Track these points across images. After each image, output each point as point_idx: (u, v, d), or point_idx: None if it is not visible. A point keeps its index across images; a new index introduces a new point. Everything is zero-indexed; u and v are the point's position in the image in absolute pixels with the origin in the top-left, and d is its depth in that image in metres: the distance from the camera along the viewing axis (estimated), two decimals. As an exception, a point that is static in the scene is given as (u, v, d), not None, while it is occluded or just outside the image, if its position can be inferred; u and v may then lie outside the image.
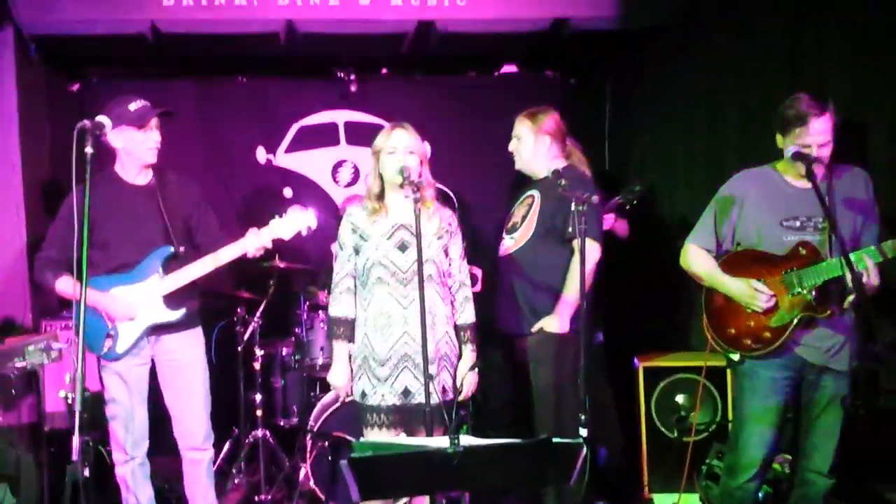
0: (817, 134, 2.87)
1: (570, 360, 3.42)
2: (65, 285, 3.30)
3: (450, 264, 3.21)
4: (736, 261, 3.09)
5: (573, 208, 2.97)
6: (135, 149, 3.34)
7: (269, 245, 3.41)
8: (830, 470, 3.00)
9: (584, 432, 2.74)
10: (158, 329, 3.37)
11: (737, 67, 4.07)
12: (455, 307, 3.22)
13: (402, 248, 3.08)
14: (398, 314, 3.06)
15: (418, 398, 3.04)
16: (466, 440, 2.30)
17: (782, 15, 3.76)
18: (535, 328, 3.51)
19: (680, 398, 3.96)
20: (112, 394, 3.37)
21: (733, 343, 3.07)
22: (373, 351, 3.08)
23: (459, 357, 3.21)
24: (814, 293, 2.91)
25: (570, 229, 3.38)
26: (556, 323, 3.45)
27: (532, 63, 5.49)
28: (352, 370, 3.18)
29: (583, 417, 2.78)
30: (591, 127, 5.43)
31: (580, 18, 4.47)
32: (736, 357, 3.07)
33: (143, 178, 3.43)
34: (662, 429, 3.97)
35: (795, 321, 2.93)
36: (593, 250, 3.40)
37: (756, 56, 3.93)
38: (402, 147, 3.07)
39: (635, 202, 4.15)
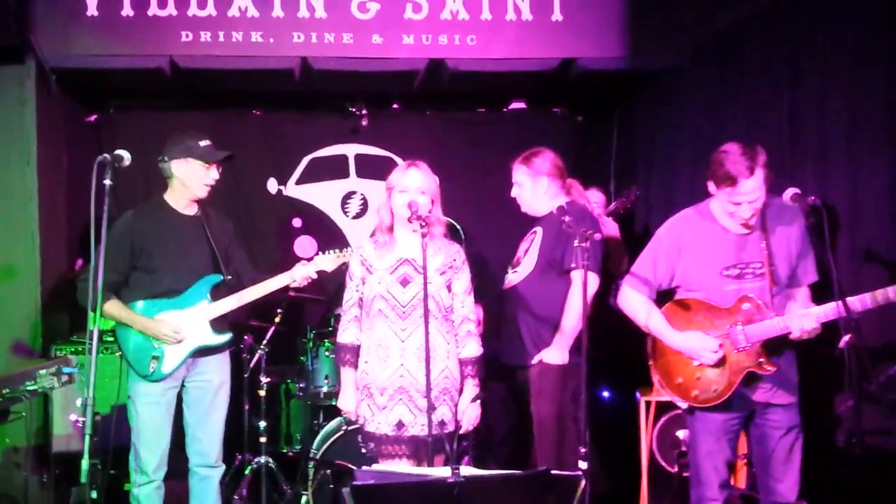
0: (748, 193, 2.90)
1: (570, 392, 3.46)
2: (112, 309, 3.45)
3: (452, 299, 3.27)
4: (678, 309, 3.11)
5: (576, 244, 3.04)
6: (193, 182, 3.53)
7: (315, 276, 3.63)
8: (799, 497, 3.02)
9: (583, 465, 2.78)
10: (202, 352, 3.54)
11: (741, 110, 4.13)
12: (458, 341, 3.27)
13: (405, 282, 3.18)
14: (396, 347, 3.15)
15: (411, 431, 3.12)
16: (467, 470, 2.34)
17: (784, 62, 3.83)
18: (534, 360, 3.56)
19: (681, 433, 3.98)
20: (143, 415, 3.48)
21: (681, 392, 3.09)
22: (375, 379, 3.17)
23: (461, 391, 3.25)
24: (759, 350, 2.95)
25: (572, 263, 3.45)
26: (555, 354, 3.50)
27: (540, 100, 5.59)
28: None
29: (582, 450, 2.82)
30: (598, 164, 5.51)
31: (587, 59, 4.56)
32: (684, 406, 3.10)
33: (191, 209, 3.62)
34: (663, 463, 3.98)
35: (741, 377, 2.97)
36: (592, 282, 3.46)
37: (760, 99, 4.00)
38: (415, 187, 3.18)
39: (629, 206, 4.34)
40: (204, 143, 3.54)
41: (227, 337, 3.62)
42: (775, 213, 3.02)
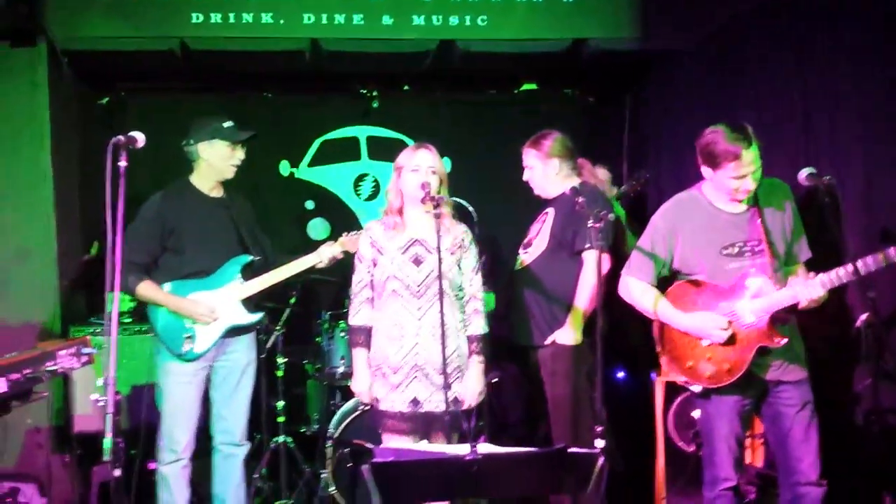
0: (749, 164, 2.90)
1: (584, 371, 3.48)
2: (146, 290, 3.50)
3: (461, 277, 3.30)
4: (682, 293, 3.11)
5: (589, 224, 3.04)
6: (221, 163, 3.59)
7: (341, 256, 3.67)
8: (821, 476, 3.00)
9: (600, 443, 2.80)
10: (232, 332, 3.59)
11: (755, 93, 4.11)
12: (465, 319, 3.30)
13: (417, 262, 3.21)
14: (411, 325, 3.18)
15: (426, 407, 3.16)
16: (485, 448, 2.37)
17: (796, 43, 3.81)
18: (548, 340, 3.57)
19: (696, 413, 3.98)
20: (175, 395, 3.53)
21: (693, 375, 3.08)
22: (386, 359, 3.20)
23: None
24: (767, 324, 2.94)
25: (585, 244, 3.46)
26: (569, 334, 3.52)
27: (551, 81, 5.56)
28: None
29: (599, 429, 2.83)
30: (609, 145, 5.49)
31: (599, 40, 4.54)
32: (697, 389, 3.10)
33: (217, 191, 3.67)
34: (679, 443, 3.99)
35: (753, 352, 2.97)
36: (605, 263, 3.47)
37: (774, 82, 3.97)
38: (426, 166, 3.20)
39: (640, 189, 4.32)
40: (228, 124, 3.59)
41: (259, 315, 3.68)
42: (765, 192, 3.04)
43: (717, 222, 3.05)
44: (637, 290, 3.18)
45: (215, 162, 3.59)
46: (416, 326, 3.18)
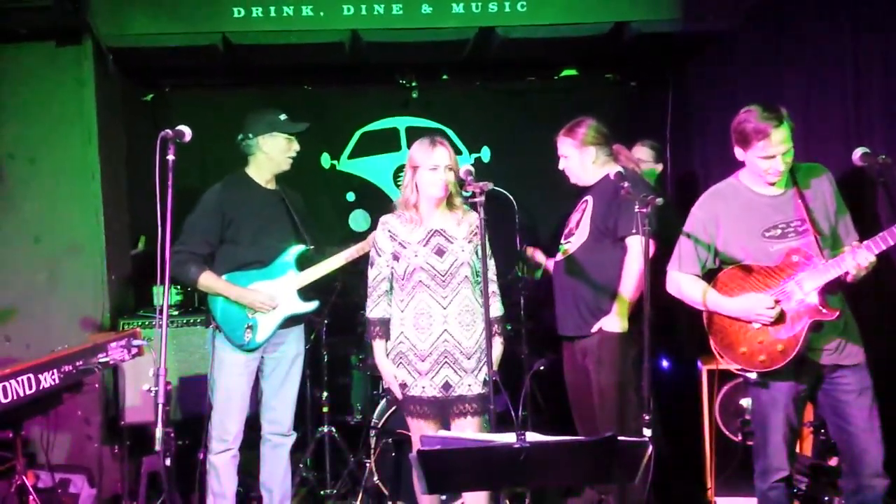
0: (779, 144, 2.88)
1: (630, 360, 3.44)
2: (208, 280, 3.56)
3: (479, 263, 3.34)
4: (729, 279, 3.07)
5: (636, 209, 3.00)
6: (280, 156, 3.66)
7: None
8: (884, 466, 2.94)
9: (647, 432, 2.76)
10: (290, 321, 3.64)
11: (801, 74, 4.00)
12: None
13: (440, 252, 3.27)
14: (438, 314, 3.25)
15: (458, 391, 3.25)
16: (533, 436, 2.35)
17: (847, 21, 3.70)
18: (594, 328, 3.54)
19: (744, 402, 3.92)
20: (230, 385, 3.59)
21: (747, 361, 3.03)
22: (413, 347, 3.26)
23: None
24: (817, 297, 2.88)
25: (631, 230, 3.40)
26: (614, 322, 3.48)
27: (592, 67, 5.49)
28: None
29: (646, 418, 2.80)
30: (652, 130, 5.40)
31: (640, 22, 4.46)
32: (753, 376, 3.04)
33: (271, 183, 3.73)
34: (726, 432, 3.94)
35: (805, 328, 2.90)
36: (650, 248, 3.42)
37: (821, 62, 3.87)
38: (444, 165, 3.26)
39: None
40: (283, 116, 3.67)
41: (315, 304, 3.74)
42: (804, 174, 3.02)
43: (756, 206, 3.02)
44: (685, 283, 3.16)
45: (275, 154, 3.65)
46: (442, 315, 3.25)
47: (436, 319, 3.25)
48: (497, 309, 3.35)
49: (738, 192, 3.08)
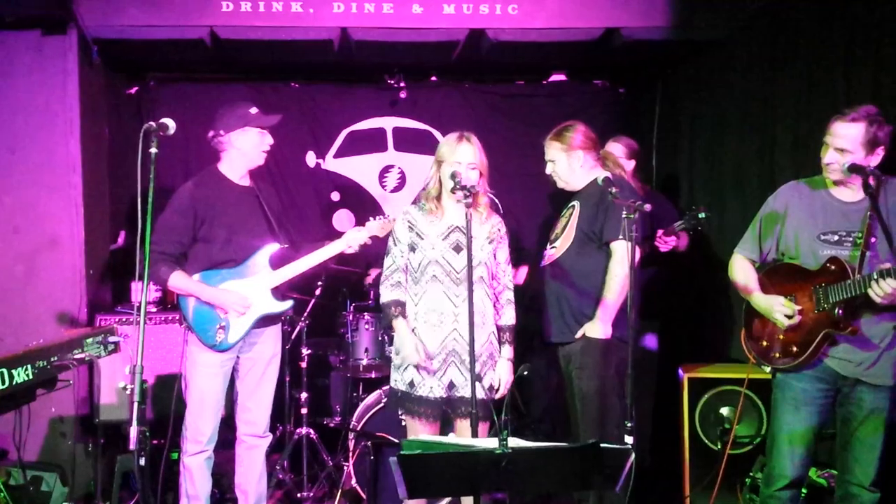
0: (837, 136, 2.88)
1: (613, 366, 3.43)
2: (179, 281, 3.47)
3: (496, 267, 3.37)
4: (775, 273, 3.13)
5: (624, 215, 2.99)
6: (251, 150, 3.58)
7: (368, 242, 3.65)
8: (874, 483, 2.96)
9: (629, 439, 2.75)
10: (260, 323, 3.57)
11: (790, 83, 4.01)
12: (497, 309, 3.37)
13: (458, 249, 3.26)
14: (450, 311, 3.24)
15: (461, 391, 3.23)
16: (515, 442, 2.32)
17: (837, 32, 3.71)
18: (577, 334, 3.52)
19: (724, 410, 3.91)
20: (203, 386, 3.52)
21: (765, 356, 3.12)
22: (424, 346, 3.24)
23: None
24: (839, 311, 2.88)
25: (618, 235, 3.39)
26: (598, 328, 3.46)
27: (581, 72, 5.49)
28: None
29: (628, 424, 2.79)
30: (639, 136, 5.39)
31: (631, 29, 4.46)
32: (767, 370, 3.13)
33: (245, 179, 3.65)
34: (706, 440, 3.93)
35: (820, 337, 2.92)
36: (635, 253, 3.41)
37: (810, 72, 3.88)
38: (466, 163, 3.24)
39: (699, 227, 4.07)
40: (254, 110, 3.58)
41: (289, 304, 3.67)
42: (893, 191, 2.93)
43: (825, 207, 3.01)
44: (739, 268, 3.23)
45: (248, 149, 3.57)
46: (454, 312, 3.24)
47: (447, 317, 3.24)
48: (511, 317, 3.37)
49: (816, 191, 3.06)
